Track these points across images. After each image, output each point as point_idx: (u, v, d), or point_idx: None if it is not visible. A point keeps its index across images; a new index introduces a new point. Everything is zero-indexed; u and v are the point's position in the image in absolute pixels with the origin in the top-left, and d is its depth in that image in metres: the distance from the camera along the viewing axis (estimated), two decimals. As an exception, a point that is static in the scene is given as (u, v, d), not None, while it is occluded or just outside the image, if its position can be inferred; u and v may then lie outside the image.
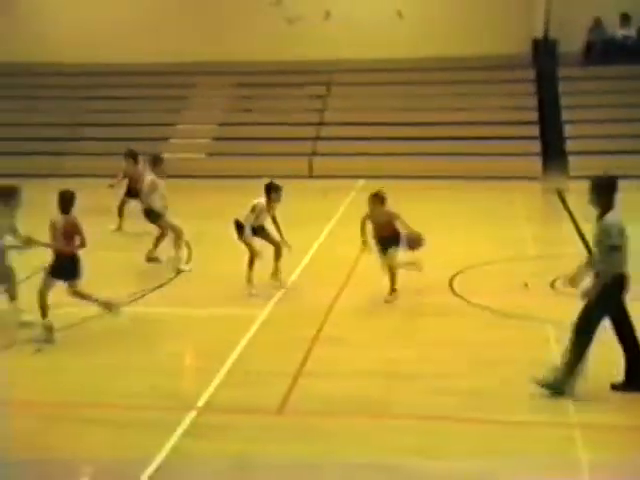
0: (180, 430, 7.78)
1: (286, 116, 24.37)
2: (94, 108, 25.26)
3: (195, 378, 9.29)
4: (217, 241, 14.86)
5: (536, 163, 22.78)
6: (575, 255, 11.37)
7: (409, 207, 12.61)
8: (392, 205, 11.85)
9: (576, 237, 15.05)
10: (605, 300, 8.12)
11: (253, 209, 12.13)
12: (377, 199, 11.77)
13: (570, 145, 23.24)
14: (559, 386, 8.24)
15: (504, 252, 14.28)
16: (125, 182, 16.92)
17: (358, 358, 9.60)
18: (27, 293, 10.71)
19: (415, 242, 11.59)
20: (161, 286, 12.73)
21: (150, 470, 7.04)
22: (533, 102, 24.80)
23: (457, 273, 12.97)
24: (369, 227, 11.89)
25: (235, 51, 25.62)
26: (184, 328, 10.87)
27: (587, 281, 8.39)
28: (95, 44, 25.87)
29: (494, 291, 12.08)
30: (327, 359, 9.66)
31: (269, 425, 7.96)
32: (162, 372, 9.34)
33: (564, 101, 24.60)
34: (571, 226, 16.25)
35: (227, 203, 18.85)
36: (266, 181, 12.34)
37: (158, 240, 13.78)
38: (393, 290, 11.75)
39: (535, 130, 23.90)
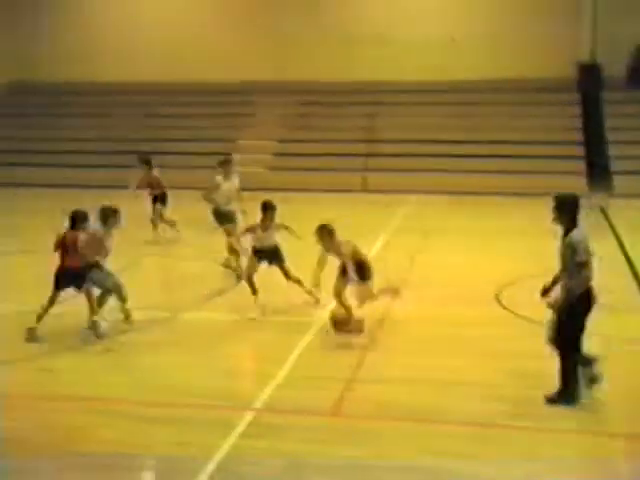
0: (239, 429, 7.74)
1: (342, 133, 24.37)
2: (164, 125, 25.50)
3: (253, 380, 9.23)
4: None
5: (581, 181, 22.43)
6: (618, 269, 11.12)
7: (460, 223, 12.48)
8: (445, 220, 11.66)
9: (618, 252, 14.77)
10: (575, 316, 8.02)
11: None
12: (323, 232, 10.72)
13: (614, 164, 22.86)
14: (567, 398, 8.13)
15: (551, 265, 13.99)
16: (146, 191, 16.55)
17: (408, 365, 9.48)
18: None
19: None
20: (222, 293, 12.73)
21: (210, 468, 7.01)
22: (579, 123, 24.49)
23: (504, 286, 12.77)
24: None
25: (295, 71, 25.71)
26: (243, 333, 10.85)
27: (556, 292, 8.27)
28: (166, 63, 26.15)
29: (540, 304, 11.84)
30: (379, 365, 9.55)
31: (323, 427, 7.88)
32: (222, 373, 9.33)
33: (608, 123, 24.25)
34: (614, 241, 15.95)
35: (284, 215, 18.95)
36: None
37: (232, 247, 13.56)
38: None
39: (580, 150, 23.59)
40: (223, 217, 13.62)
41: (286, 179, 22.84)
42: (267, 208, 11.69)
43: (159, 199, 16.23)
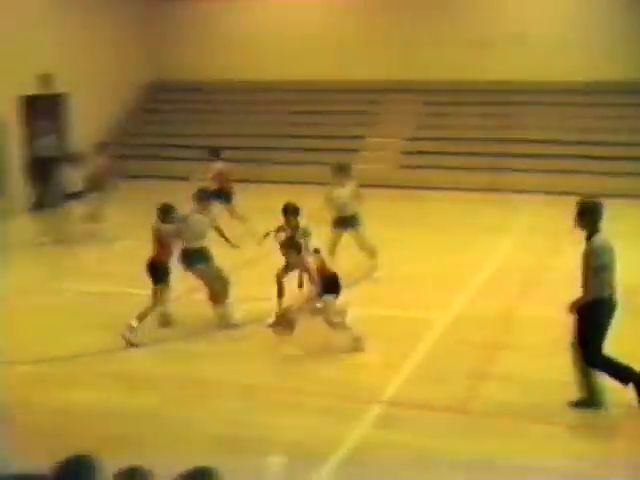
0: (368, 421, 7.93)
1: (471, 132, 24.17)
2: (296, 121, 25.91)
3: (382, 373, 9.36)
4: (403, 245, 15.10)
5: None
6: None
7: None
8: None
9: None
10: (592, 320, 7.97)
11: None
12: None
13: None
14: (593, 402, 8.12)
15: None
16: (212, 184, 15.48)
17: (534, 365, 9.44)
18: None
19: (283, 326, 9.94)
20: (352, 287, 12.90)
21: (338, 457, 7.22)
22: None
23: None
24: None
25: (423, 70, 25.65)
26: (372, 326, 10.89)
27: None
28: (298, 62, 26.52)
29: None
30: (504, 364, 9.56)
31: (449, 422, 7.98)
32: (351, 365, 9.54)
33: None
34: None
35: (412, 212, 19.02)
36: None
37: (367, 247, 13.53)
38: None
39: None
40: (343, 223, 13.33)
41: (413, 177, 22.88)
42: (288, 211, 11.42)
43: (218, 195, 15.24)
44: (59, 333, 10.70)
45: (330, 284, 9.90)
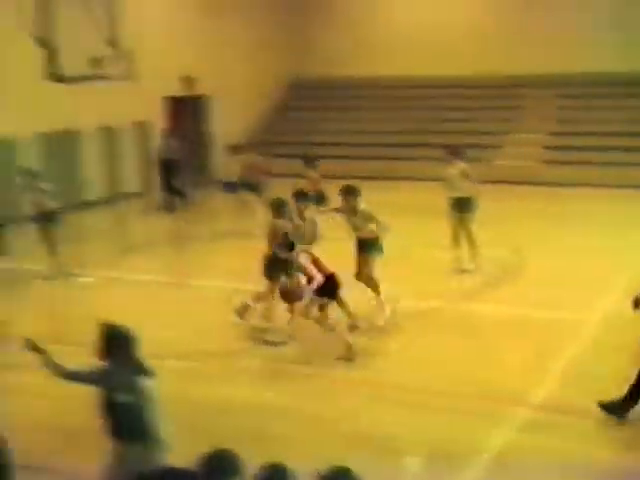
0: (512, 424, 7.59)
1: (618, 126, 23.18)
2: (435, 117, 25.58)
3: (528, 375, 8.96)
4: (547, 243, 14.58)
5: None
6: None
7: None
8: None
9: None
10: None
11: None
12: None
13: None
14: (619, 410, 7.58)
15: None
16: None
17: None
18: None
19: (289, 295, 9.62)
20: (494, 284, 12.52)
21: (484, 459, 6.93)
22: None
23: None
24: None
25: (566, 63, 24.83)
26: (517, 326, 10.54)
27: None
28: (437, 59, 26.19)
29: None
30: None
31: (599, 429, 7.53)
32: (495, 366, 9.18)
33: None
34: None
35: (555, 209, 18.37)
36: None
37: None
38: None
39: None
40: (470, 205, 13.06)
41: (557, 173, 22.13)
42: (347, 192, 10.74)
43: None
44: (206, 328, 10.74)
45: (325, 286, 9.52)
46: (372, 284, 10.67)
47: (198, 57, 22.80)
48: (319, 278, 9.49)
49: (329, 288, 9.64)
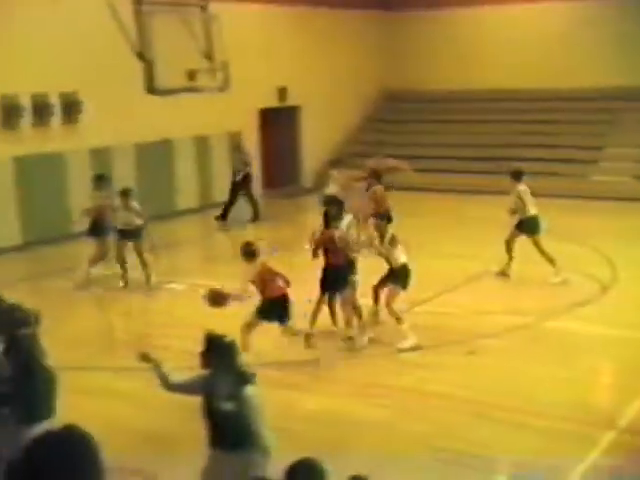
0: (600, 447, 7.51)
1: None
2: (527, 130, 25.30)
3: (615, 396, 8.85)
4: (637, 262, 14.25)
5: None
6: None
7: None
8: None
9: None
10: None
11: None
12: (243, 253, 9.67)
13: None
14: None
15: None
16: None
17: None
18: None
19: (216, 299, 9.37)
20: (584, 303, 12.33)
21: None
22: None
23: None
24: None
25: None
26: (604, 346, 10.39)
27: None
28: (530, 72, 25.93)
29: None
30: None
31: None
32: (582, 386, 9.10)
33: None
34: None
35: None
36: None
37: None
38: None
39: None
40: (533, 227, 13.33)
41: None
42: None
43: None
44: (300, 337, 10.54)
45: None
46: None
47: (292, 69, 23.13)
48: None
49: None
